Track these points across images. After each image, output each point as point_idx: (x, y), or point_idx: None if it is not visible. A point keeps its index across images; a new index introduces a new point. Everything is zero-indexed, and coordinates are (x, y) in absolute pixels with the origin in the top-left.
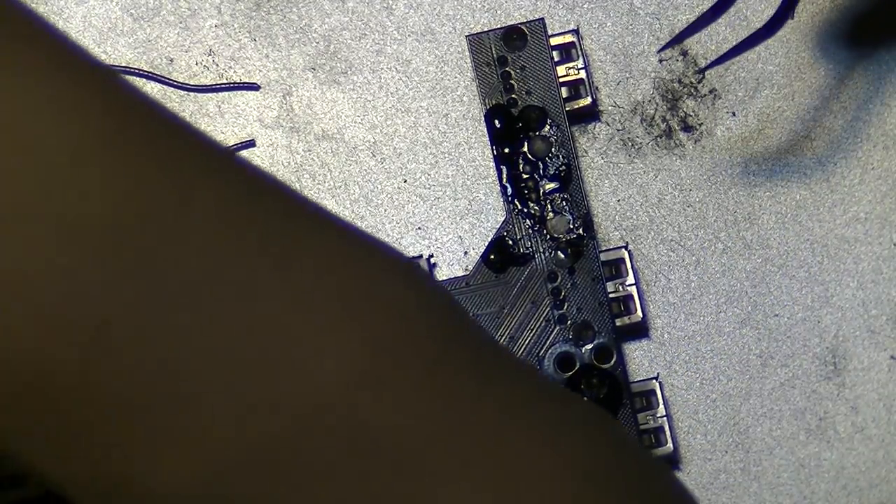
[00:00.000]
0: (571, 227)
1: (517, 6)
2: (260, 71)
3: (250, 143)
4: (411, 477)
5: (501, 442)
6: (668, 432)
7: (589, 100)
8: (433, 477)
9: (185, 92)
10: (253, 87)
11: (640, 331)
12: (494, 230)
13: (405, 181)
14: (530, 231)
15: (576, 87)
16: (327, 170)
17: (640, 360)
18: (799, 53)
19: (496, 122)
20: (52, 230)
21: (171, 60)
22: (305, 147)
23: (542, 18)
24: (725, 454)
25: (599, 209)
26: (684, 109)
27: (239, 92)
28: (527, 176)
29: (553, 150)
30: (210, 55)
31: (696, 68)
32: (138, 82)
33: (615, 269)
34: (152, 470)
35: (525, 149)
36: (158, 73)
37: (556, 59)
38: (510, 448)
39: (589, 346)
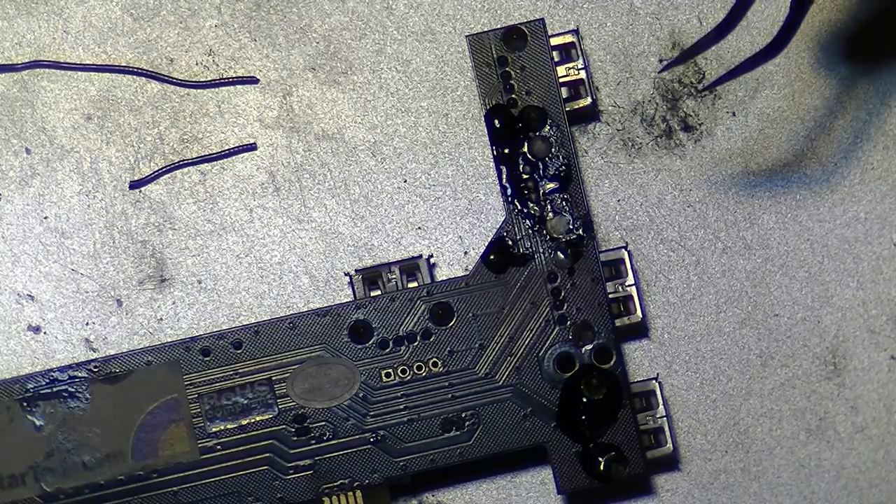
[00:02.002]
0: (571, 227)
1: (517, 6)
2: (260, 71)
3: (251, 147)
4: None
5: None
6: (667, 432)
7: (589, 100)
8: None
9: (186, 90)
10: (252, 80)
11: (640, 331)
12: (494, 230)
13: (405, 181)
14: (530, 231)
15: (576, 87)
16: (327, 170)
17: (640, 360)
18: (799, 54)
19: (496, 122)
20: None
21: (172, 60)
22: (305, 147)
23: (542, 18)
24: (725, 454)
25: (599, 209)
26: (684, 109)
27: (239, 92)
28: (527, 176)
29: (553, 150)
30: (210, 55)
31: (698, 74)
32: (138, 81)
33: (615, 269)
34: None
35: (525, 149)
36: (158, 72)
37: (556, 59)
38: None
39: (589, 347)
